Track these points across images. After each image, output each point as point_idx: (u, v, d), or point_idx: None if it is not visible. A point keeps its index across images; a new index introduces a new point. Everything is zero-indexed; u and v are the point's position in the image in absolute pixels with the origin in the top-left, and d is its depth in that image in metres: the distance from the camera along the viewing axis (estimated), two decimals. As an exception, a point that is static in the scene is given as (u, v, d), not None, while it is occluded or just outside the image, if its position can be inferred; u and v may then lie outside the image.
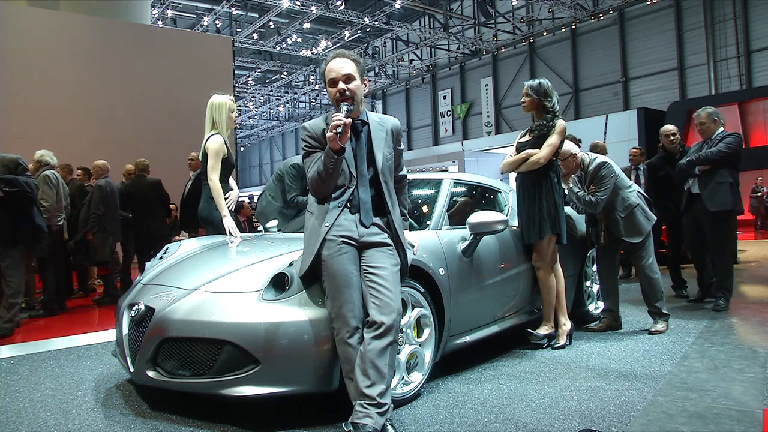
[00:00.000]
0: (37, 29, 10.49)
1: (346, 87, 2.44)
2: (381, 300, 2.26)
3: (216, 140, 3.89)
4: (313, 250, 2.40)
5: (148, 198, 6.60)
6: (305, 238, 2.50)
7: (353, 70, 2.48)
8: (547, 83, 3.73)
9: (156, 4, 18.70)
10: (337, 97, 2.44)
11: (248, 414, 2.55)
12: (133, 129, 10.93)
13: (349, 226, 2.42)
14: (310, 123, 2.56)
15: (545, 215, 3.62)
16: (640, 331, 4.04)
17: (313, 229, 2.45)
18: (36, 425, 2.50)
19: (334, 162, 2.36)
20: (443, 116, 26.69)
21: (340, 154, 2.36)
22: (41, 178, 5.58)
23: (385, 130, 2.57)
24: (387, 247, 2.43)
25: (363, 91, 2.55)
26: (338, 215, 2.42)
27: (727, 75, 17.55)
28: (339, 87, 2.44)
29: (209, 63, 12.33)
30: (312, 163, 2.48)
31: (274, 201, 4.45)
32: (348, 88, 2.44)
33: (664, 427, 2.31)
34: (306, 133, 2.54)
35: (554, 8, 20.36)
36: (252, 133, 39.89)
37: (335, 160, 2.36)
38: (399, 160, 2.68)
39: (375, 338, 2.21)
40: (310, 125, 2.55)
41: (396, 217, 2.51)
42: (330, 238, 2.38)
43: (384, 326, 2.21)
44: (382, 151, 2.52)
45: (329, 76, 2.48)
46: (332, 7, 19.48)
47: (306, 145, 2.54)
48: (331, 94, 2.48)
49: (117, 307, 2.99)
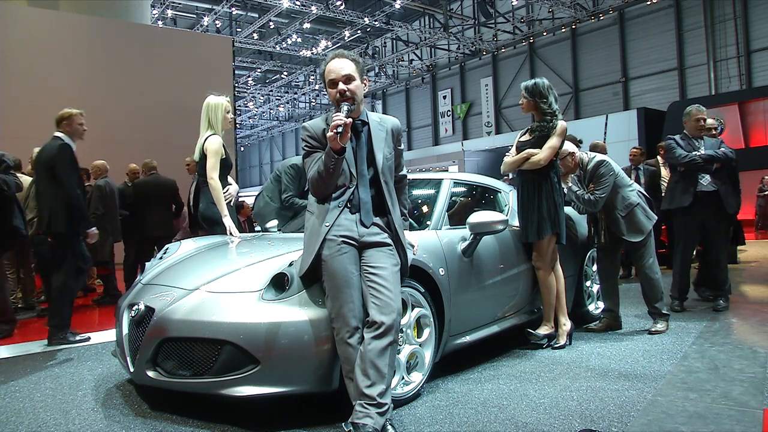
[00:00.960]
0: (37, 29, 10.47)
1: (346, 87, 2.43)
2: (381, 300, 2.26)
3: (215, 140, 3.89)
4: (313, 250, 2.40)
5: (161, 197, 6.61)
6: (305, 238, 2.50)
7: (353, 71, 2.48)
8: (542, 83, 3.72)
9: (156, 4, 18.69)
10: (337, 98, 2.44)
11: (248, 414, 2.55)
12: (133, 129, 10.92)
13: (349, 226, 2.42)
14: (311, 123, 2.56)
15: (545, 215, 3.62)
16: (640, 331, 4.04)
17: (314, 228, 2.45)
18: (36, 425, 2.50)
19: (334, 162, 2.36)
20: (443, 116, 26.68)
21: (340, 154, 2.36)
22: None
23: (386, 130, 2.57)
24: (387, 246, 2.43)
25: (363, 90, 2.55)
26: (338, 215, 2.42)
27: (727, 75, 17.54)
28: (339, 88, 2.44)
29: (209, 63, 12.32)
30: (312, 163, 2.47)
31: (272, 202, 4.45)
32: (348, 89, 2.44)
33: (664, 427, 2.31)
34: (306, 133, 2.54)
35: (554, 8, 20.36)
36: (252, 133, 39.88)
37: (336, 160, 2.36)
38: (399, 160, 2.68)
39: (375, 338, 2.21)
40: (311, 125, 2.55)
41: (396, 217, 2.51)
42: (330, 238, 2.38)
43: (384, 326, 2.21)
44: (382, 151, 2.52)
45: (329, 76, 2.48)
46: (332, 7, 19.47)
47: (306, 145, 2.54)
48: (331, 95, 2.48)
49: (117, 307, 2.99)
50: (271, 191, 4.49)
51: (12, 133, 9.42)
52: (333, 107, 2.52)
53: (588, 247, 4.38)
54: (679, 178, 4.70)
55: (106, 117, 10.67)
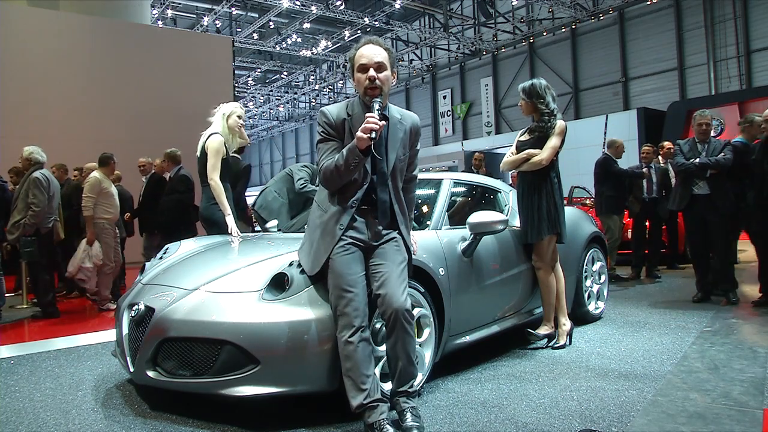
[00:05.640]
0: (37, 29, 10.48)
1: (376, 75, 2.37)
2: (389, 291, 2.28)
3: (216, 139, 3.88)
4: (328, 249, 2.38)
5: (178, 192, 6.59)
6: (315, 235, 2.46)
7: (385, 59, 2.41)
8: (539, 83, 3.72)
9: (156, 4, 18.68)
10: (366, 85, 2.37)
11: (248, 414, 2.55)
12: (133, 129, 10.92)
13: (361, 229, 2.41)
14: (330, 108, 2.48)
15: (545, 215, 3.62)
16: (640, 331, 4.04)
17: (327, 228, 2.41)
18: (36, 425, 2.50)
19: (358, 161, 2.30)
20: (443, 116, 26.66)
21: (366, 155, 2.30)
22: (31, 180, 5.32)
23: (404, 130, 2.51)
24: (393, 241, 2.44)
25: (391, 83, 2.47)
26: (353, 215, 2.40)
27: (727, 75, 17.51)
28: (370, 74, 2.36)
29: (209, 63, 12.31)
30: (328, 151, 2.41)
31: (280, 197, 4.45)
32: (378, 77, 2.37)
33: (664, 427, 2.31)
34: (324, 119, 2.46)
35: (554, 8, 20.33)
36: (252, 133, 39.83)
37: (360, 160, 2.30)
38: (413, 160, 2.62)
39: (390, 332, 2.26)
40: (330, 111, 2.46)
41: (402, 217, 2.51)
42: (342, 238, 2.37)
43: (392, 318, 2.25)
44: (396, 151, 2.47)
45: (360, 61, 2.40)
46: (332, 7, 19.45)
47: (323, 131, 2.46)
48: (360, 80, 2.40)
49: (117, 307, 2.99)
50: (280, 188, 4.49)
51: (12, 133, 9.43)
52: (357, 95, 2.44)
53: (589, 247, 4.39)
54: (679, 182, 5.27)
55: (105, 117, 10.69)
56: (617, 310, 4.87)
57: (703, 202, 4.95)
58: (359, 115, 2.41)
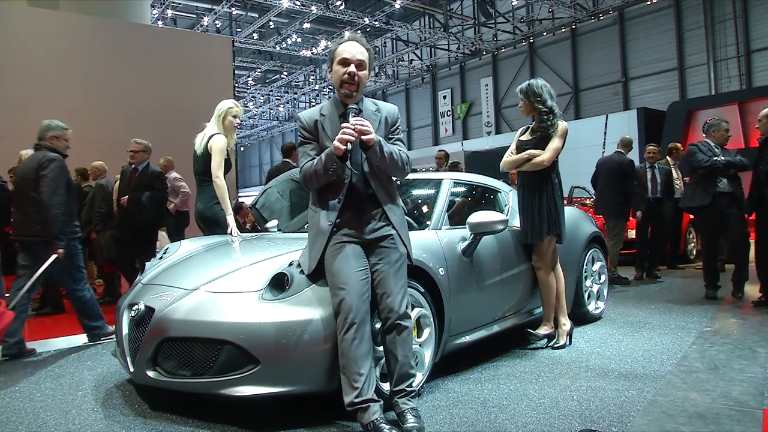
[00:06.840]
0: (37, 29, 10.47)
1: (356, 72, 2.45)
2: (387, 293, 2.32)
3: (220, 139, 3.89)
4: (320, 248, 2.43)
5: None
6: (311, 235, 2.53)
7: (366, 58, 2.50)
8: (536, 83, 3.72)
9: (156, 4, 18.67)
10: (345, 79, 2.44)
11: (248, 414, 2.55)
12: (133, 129, 10.82)
13: (351, 224, 2.44)
14: (304, 113, 2.58)
15: (545, 216, 3.62)
16: (640, 331, 4.04)
17: (319, 227, 2.46)
18: (36, 425, 2.50)
19: (336, 166, 2.38)
20: (443, 116, 26.64)
21: (344, 161, 2.37)
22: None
23: (379, 119, 2.56)
24: (389, 239, 2.45)
25: (367, 81, 2.55)
26: (340, 210, 2.44)
27: (727, 75, 17.51)
28: (350, 69, 2.44)
29: (209, 63, 12.28)
30: (306, 153, 2.50)
31: (283, 198, 4.44)
32: (358, 74, 2.45)
33: (664, 427, 2.31)
34: (300, 123, 2.57)
35: (554, 8, 20.33)
36: (252, 133, 39.85)
37: (338, 166, 2.38)
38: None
39: (387, 331, 2.30)
40: (304, 116, 2.57)
41: (392, 207, 2.51)
42: (335, 236, 2.42)
43: (388, 317, 2.29)
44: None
45: (342, 55, 2.47)
46: (332, 7, 19.45)
47: (300, 135, 2.57)
48: (338, 74, 2.48)
49: (117, 307, 2.99)
50: (284, 189, 4.48)
51: (11, 133, 9.41)
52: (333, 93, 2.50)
53: (589, 247, 4.39)
54: (699, 180, 5.30)
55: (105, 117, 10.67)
56: (617, 310, 4.87)
57: (725, 198, 5.15)
58: (333, 114, 2.52)
